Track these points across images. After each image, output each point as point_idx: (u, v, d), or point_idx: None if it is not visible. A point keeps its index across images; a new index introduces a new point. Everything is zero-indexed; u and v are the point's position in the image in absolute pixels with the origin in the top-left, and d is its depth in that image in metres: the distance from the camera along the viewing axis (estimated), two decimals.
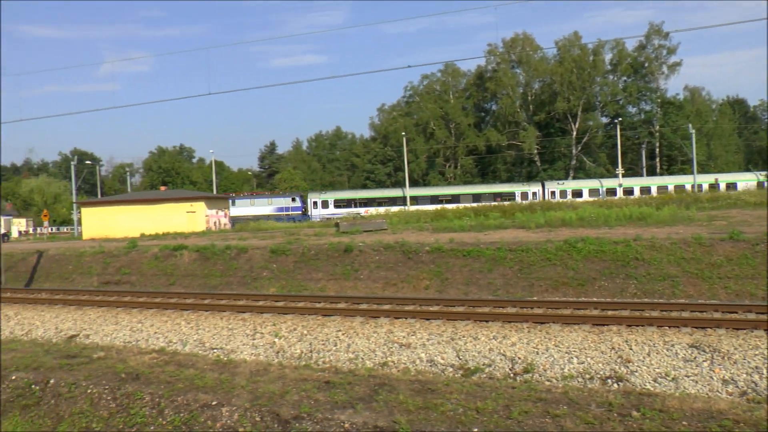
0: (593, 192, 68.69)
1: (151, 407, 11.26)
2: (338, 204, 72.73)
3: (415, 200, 72.01)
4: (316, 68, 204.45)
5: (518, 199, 70.14)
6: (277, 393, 10.82)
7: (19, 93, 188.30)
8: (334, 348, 14.07)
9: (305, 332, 15.10)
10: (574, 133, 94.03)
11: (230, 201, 71.29)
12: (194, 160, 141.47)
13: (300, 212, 77.65)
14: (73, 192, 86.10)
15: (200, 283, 27.42)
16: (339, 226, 36.46)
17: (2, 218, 27.57)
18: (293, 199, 78.65)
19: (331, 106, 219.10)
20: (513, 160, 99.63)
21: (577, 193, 70.19)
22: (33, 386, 13.02)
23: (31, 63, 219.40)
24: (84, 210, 55.17)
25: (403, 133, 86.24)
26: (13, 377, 13.52)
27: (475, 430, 8.54)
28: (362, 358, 13.42)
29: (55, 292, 25.50)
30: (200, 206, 51.47)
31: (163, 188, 71.80)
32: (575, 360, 12.10)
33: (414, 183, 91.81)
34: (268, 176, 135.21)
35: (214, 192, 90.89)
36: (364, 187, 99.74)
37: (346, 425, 9.21)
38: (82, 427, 11.61)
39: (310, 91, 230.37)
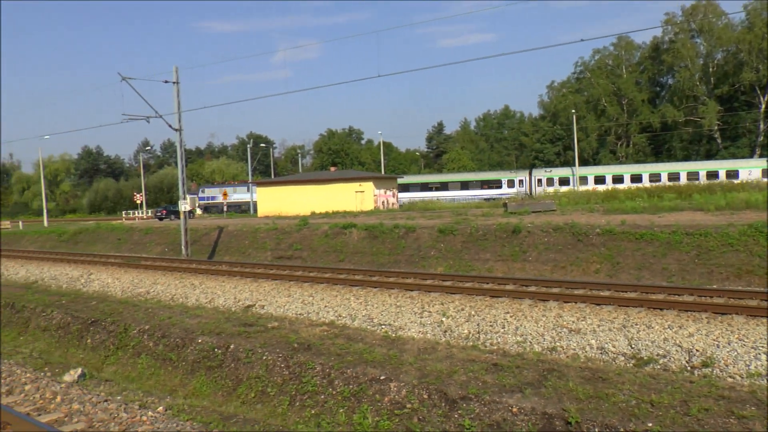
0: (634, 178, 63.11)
1: (322, 377, 11.67)
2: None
3: (406, 188, 69.87)
4: (483, 47, 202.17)
5: (505, 187, 68.10)
6: (444, 372, 10.88)
7: (202, 83, 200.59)
8: (501, 330, 13.93)
9: (473, 313, 15.07)
10: (763, 106, 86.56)
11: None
12: (363, 142, 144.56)
13: None
14: (249, 172, 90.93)
15: (369, 261, 28.08)
16: (507, 206, 36.02)
17: (188, 197, 29.76)
18: None
19: (499, 84, 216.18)
20: (691, 138, 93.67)
21: (564, 181, 65.93)
22: (216, 350, 13.91)
23: (212, 56, 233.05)
24: (259, 189, 58.03)
25: (573, 111, 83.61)
26: (199, 340, 14.52)
27: (650, 424, 8.15)
28: (530, 342, 13.19)
29: (234, 265, 27.08)
30: (369, 186, 52.60)
31: (332, 169, 73.99)
32: (764, 357, 11.19)
33: (584, 162, 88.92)
34: (436, 156, 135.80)
35: (382, 172, 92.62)
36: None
37: (514, 409, 9.11)
38: (258, 390, 12.27)
39: (477, 70, 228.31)
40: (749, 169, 60.58)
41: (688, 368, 11.30)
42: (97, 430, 9.25)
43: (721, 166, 63.12)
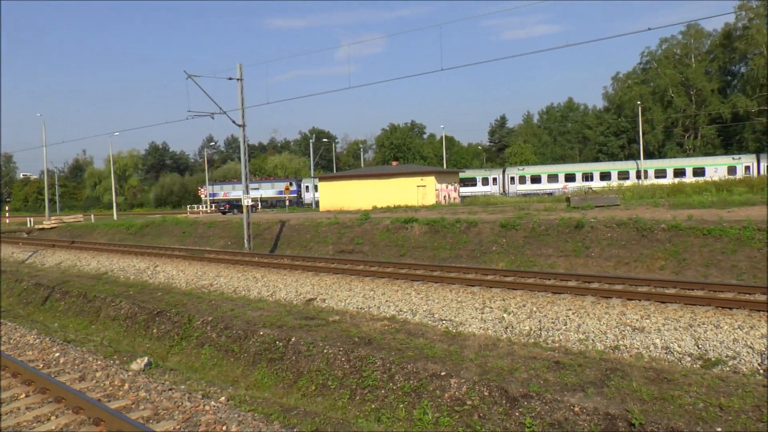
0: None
1: (382, 372, 11.70)
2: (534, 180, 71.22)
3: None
4: (548, 38, 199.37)
5: (479, 185, 69.17)
6: (505, 369, 10.79)
7: (265, 80, 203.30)
8: (563, 327, 13.73)
9: (534, 309, 14.89)
10: None
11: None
12: (425, 136, 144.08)
13: (295, 195, 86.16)
14: (311, 167, 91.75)
15: (430, 256, 28.02)
16: (570, 201, 35.48)
17: (252, 191, 30.51)
18: (290, 183, 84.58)
19: (563, 76, 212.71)
20: (765, 129, 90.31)
21: (536, 179, 66.50)
22: (277, 342, 14.09)
23: (275, 52, 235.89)
24: (321, 184, 58.48)
25: (639, 102, 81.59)
26: (261, 333, 14.73)
27: (719, 429, 7.91)
28: (593, 340, 12.96)
29: (295, 259, 27.35)
30: (430, 181, 52.46)
31: (394, 163, 74.12)
32: None
33: (649, 155, 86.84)
34: (498, 150, 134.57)
35: (444, 167, 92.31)
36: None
37: (576, 409, 8.97)
38: (319, 383, 12.38)
39: (541, 62, 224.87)
40: (715, 167, 60.41)
41: (761, 371, 10.92)
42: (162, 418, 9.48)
43: (689, 164, 63.77)
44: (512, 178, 69.07)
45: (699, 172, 60.85)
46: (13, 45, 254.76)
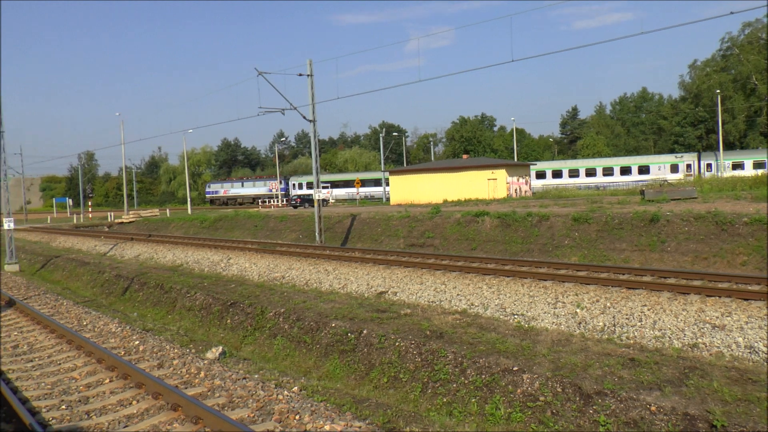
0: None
1: (454, 366, 11.66)
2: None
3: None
4: (621, 27, 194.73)
5: None
6: (579, 365, 10.60)
7: (335, 75, 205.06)
8: (638, 324, 13.39)
9: (608, 305, 14.58)
10: None
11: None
12: (495, 129, 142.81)
13: (284, 192, 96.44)
14: (382, 161, 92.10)
15: (501, 249, 27.78)
16: (644, 194, 34.61)
17: (321, 185, 30.79)
18: (280, 182, 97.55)
19: (636, 66, 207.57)
20: None
21: (558, 174, 66.88)
22: (349, 334, 14.19)
23: (346, 47, 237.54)
24: (392, 177, 58.61)
25: (718, 91, 78.92)
26: (333, 325, 14.86)
27: None
28: (669, 337, 12.59)
29: (366, 252, 27.48)
30: (501, 173, 52.00)
31: (465, 156, 73.63)
32: None
33: (729, 146, 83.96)
34: (570, 143, 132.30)
35: (515, 159, 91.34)
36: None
37: (653, 408, 8.74)
38: (391, 376, 12.42)
39: (614, 51, 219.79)
40: (659, 165, 59.38)
41: None
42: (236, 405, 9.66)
43: (635, 162, 64.03)
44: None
45: (644, 170, 61.03)
46: (92, 47, 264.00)
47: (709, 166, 63.71)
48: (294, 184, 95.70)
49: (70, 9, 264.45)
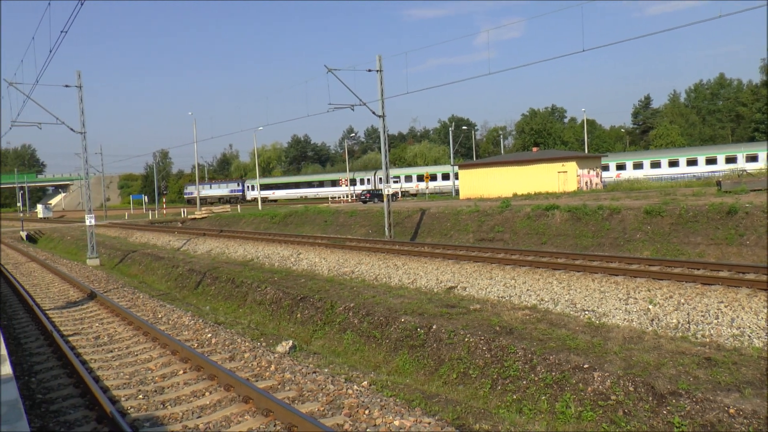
0: None
1: (524, 362, 11.57)
2: None
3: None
4: (696, 11, 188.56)
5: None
6: (651, 364, 10.39)
7: (405, 70, 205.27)
8: (715, 321, 13.00)
9: (682, 301, 14.20)
10: None
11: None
12: (565, 120, 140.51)
13: (240, 194, 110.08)
14: (451, 155, 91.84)
15: (571, 244, 27.38)
16: (721, 185, 33.55)
17: (391, 180, 31.10)
18: (238, 184, 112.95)
19: (713, 51, 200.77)
20: None
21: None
22: (418, 329, 14.23)
23: (415, 42, 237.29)
24: (461, 172, 58.36)
25: None
26: (402, 320, 14.92)
27: None
28: (749, 336, 12.16)
29: (436, 247, 27.46)
30: (572, 166, 51.20)
31: (534, 149, 72.83)
32: None
33: None
34: (642, 133, 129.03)
35: (586, 151, 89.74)
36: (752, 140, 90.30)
37: (731, 410, 8.49)
38: (460, 372, 12.40)
39: (689, 37, 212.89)
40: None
41: None
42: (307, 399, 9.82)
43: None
44: (380, 179, 69.91)
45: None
46: (167, 48, 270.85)
47: None
48: (249, 186, 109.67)
49: (146, 12, 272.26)
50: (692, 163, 62.82)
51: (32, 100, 32.52)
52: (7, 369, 8.00)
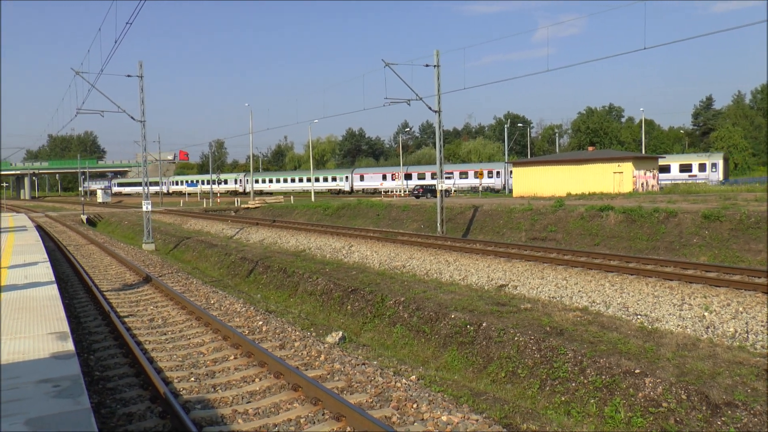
0: None
1: (573, 364, 11.48)
2: None
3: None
4: (763, 9, 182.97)
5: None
6: (706, 372, 10.19)
7: (462, 65, 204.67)
8: None
9: (740, 309, 13.88)
10: None
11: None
12: (623, 120, 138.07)
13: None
14: (505, 153, 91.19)
15: (625, 246, 26.95)
16: None
17: (444, 177, 31.06)
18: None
19: None
20: None
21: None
22: (468, 326, 14.21)
23: (473, 38, 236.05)
24: (515, 169, 57.88)
25: None
26: (452, 316, 14.91)
27: None
28: None
29: (488, 244, 27.34)
30: (627, 167, 50.31)
31: (590, 148, 71.72)
32: None
33: None
34: (702, 135, 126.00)
35: (643, 152, 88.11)
36: None
37: None
38: (509, 371, 12.36)
39: (755, 36, 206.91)
40: None
41: None
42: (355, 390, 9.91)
43: None
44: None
45: None
46: (225, 42, 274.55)
47: None
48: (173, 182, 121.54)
49: (206, 7, 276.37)
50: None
51: (96, 89, 33.41)
52: (69, 345, 8.32)
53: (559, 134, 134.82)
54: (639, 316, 14.64)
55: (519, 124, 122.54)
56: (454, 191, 78.94)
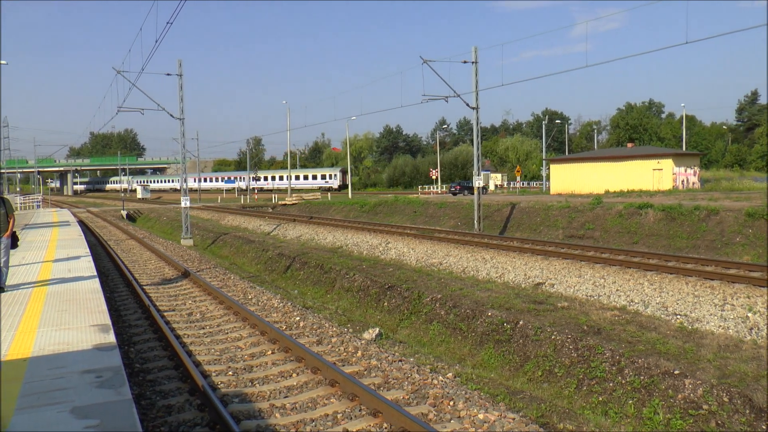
0: None
1: (611, 364, 11.38)
2: None
3: None
4: None
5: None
6: (749, 375, 10.03)
7: (500, 61, 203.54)
8: None
9: None
10: None
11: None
12: (663, 116, 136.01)
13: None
14: (543, 149, 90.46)
15: (664, 244, 26.58)
16: None
17: (482, 173, 30.75)
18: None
19: None
20: None
21: None
22: (505, 324, 14.16)
23: (511, 34, 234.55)
24: (552, 166, 57.45)
25: None
26: (489, 313, 14.88)
27: None
28: None
29: (525, 242, 27.18)
30: (667, 164, 49.62)
31: (629, 145, 70.80)
32: None
33: None
34: (746, 131, 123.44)
35: (683, 149, 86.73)
36: None
37: None
38: (545, 369, 12.29)
39: None
40: None
41: None
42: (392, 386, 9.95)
43: None
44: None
45: None
46: (263, 40, 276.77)
47: None
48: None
49: (245, 6, 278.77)
50: None
51: (137, 87, 33.95)
52: (111, 338, 8.50)
53: (598, 131, 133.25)
54: (678, 316, 14.45)
55: (557, 121, 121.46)
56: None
